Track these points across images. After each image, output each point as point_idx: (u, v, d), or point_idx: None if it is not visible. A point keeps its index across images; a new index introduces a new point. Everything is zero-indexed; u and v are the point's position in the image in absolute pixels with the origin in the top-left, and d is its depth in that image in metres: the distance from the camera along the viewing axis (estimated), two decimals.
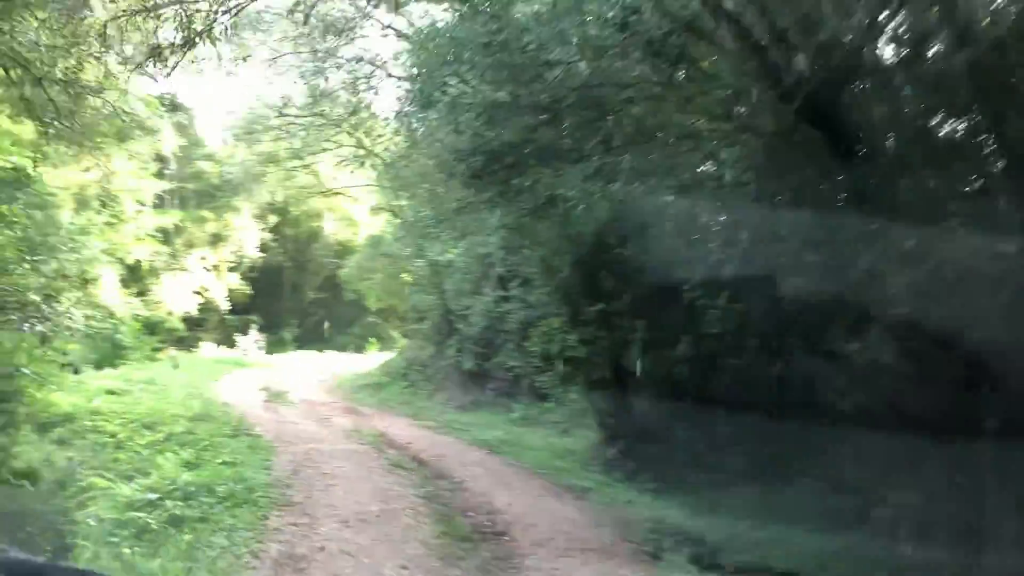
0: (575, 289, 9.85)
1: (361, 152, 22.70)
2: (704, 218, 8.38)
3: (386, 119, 20.63)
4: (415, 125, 13.27)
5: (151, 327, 26.32)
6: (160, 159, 29.52)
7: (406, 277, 20.39)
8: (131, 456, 9.22)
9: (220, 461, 8.38)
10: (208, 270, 31.57)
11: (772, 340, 7.39)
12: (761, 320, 6.86)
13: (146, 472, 7.93)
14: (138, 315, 25.63)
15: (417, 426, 13.48)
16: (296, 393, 18.32)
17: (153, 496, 6.78)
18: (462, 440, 11.89)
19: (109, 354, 21.02)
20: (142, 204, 24.81)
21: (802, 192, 6.37)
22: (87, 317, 23.48)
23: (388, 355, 25.92)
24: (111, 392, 14.68)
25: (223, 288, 32.34)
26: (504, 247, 14.76)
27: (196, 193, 32.52)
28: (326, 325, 39.31)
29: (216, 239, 32.62)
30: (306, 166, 31.44)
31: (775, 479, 8.21)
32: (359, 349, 36.17)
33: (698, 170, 7.77)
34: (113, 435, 10.55)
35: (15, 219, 20.60)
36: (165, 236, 28.61)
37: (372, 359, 30.55)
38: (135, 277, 26.93)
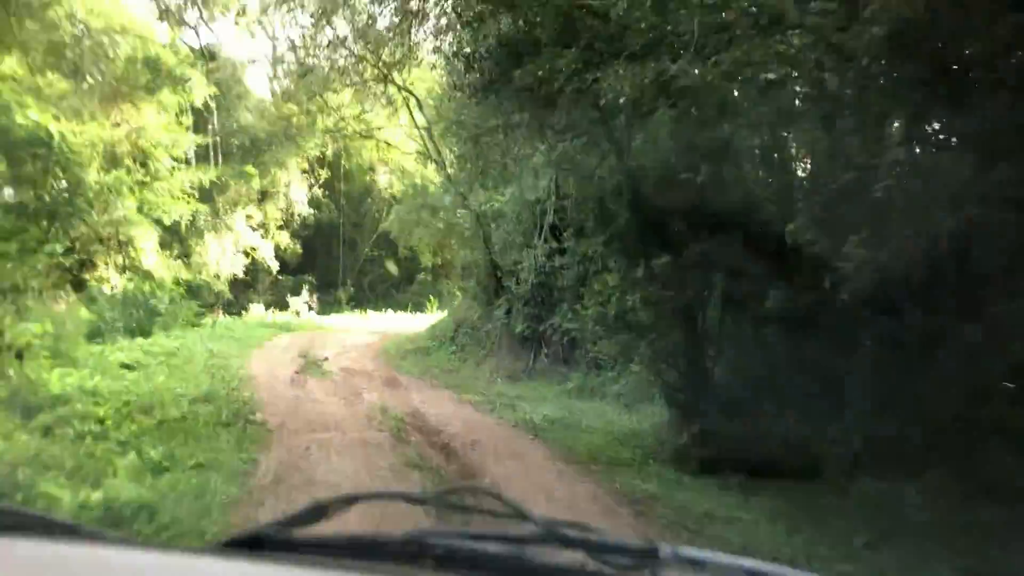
0: (636, 237, 7.91)
1: (404, 95, 21.04)
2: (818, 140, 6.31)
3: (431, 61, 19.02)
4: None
5: (194, 291, 25.46)
6: (198, 112, 28.46)
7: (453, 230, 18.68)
8: (106, 451, 7.82)
9: (192, 463, 6.89)
10: (255, 229, 30.57)
11: (918, 297, 5.37)
12: (903, 272, 4.83)
13: (101, 478, 6.49)
14: (179, 278, 24.74)
15: (457, 401, 11.88)
16: (335, 361, 17.04)
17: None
18: (505, 420, 10.21)
19: (144, 321, 20.10)
20: (176, 160, 23.60)
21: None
22: (128, 281, 22.83)
23: (442, 315, 24.51)
24: (125, 366, 13.49)
25: (272, 248, 31.36)
26: (555, 192, 12.94)
27: (240, 148, 31.42)
28: (381, 284, 38.23)
29: (263, 196, 31.55)
30: (356, 116, 30.08)
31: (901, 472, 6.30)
32: (417, 308, 34.99)
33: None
34: (101, 421, 9.20)
35: (35, 178, 19.87)
36: (207, 194, 27.60)
37: (426, 320, 29.30)
38: (175, 238, 26.04)
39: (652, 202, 7.97)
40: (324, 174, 36.32)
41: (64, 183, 19.53)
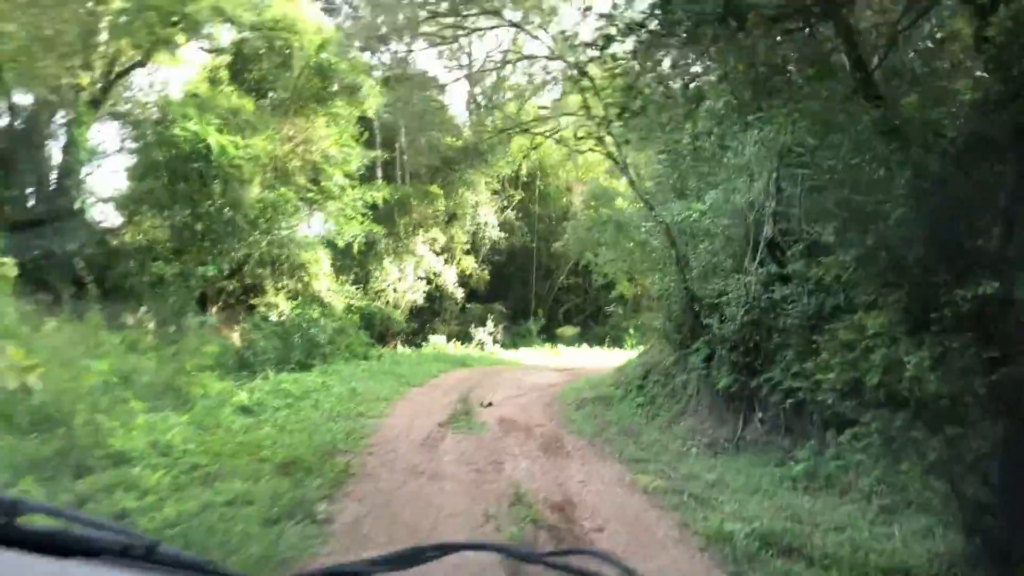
0: (925, 251, 4.50)
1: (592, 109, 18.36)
2: None
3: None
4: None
5: (369, 319, 24.22)
6: (381, 126, 27.62)
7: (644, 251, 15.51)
8: None
9: None
10: (439, 253, 29.11)
11: None
12: None
13: None
14: (352, 306, 23.55)
15: (630, 485, 8.75)
16: (499, 407, 14.54)
17: None
18: (692, 529, 6.97)
19: (302, 353, 18.79)
20: (349, 176, 22.46)
21: None
22: (295, 308, 21.88)
23: (635, 355, 21.37)
24: (244, 410, 11.78)
25: (457, 274, 29.80)
26: (776, 194, 9.55)
27: (428, 167, 30.29)
28: (577, 314, 35.60)
29: (450, 218, 30.13)
30: (553, 131, 27.95)
31: None
32: (615, 343, 31.99)
33: None
34: (143, 494, 7.18)
35: (192, 195, 19.25)
36: (387, 215, 26.50)
37: (622, 356, 26.24)
38: (352, 262, 25.03)
39: (954, 194, 4.51)
40: (517, 195, 34.48)
41: (223, 201, 18.72)
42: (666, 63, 11.85)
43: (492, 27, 29.49)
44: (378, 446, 9.93)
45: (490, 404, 15.00)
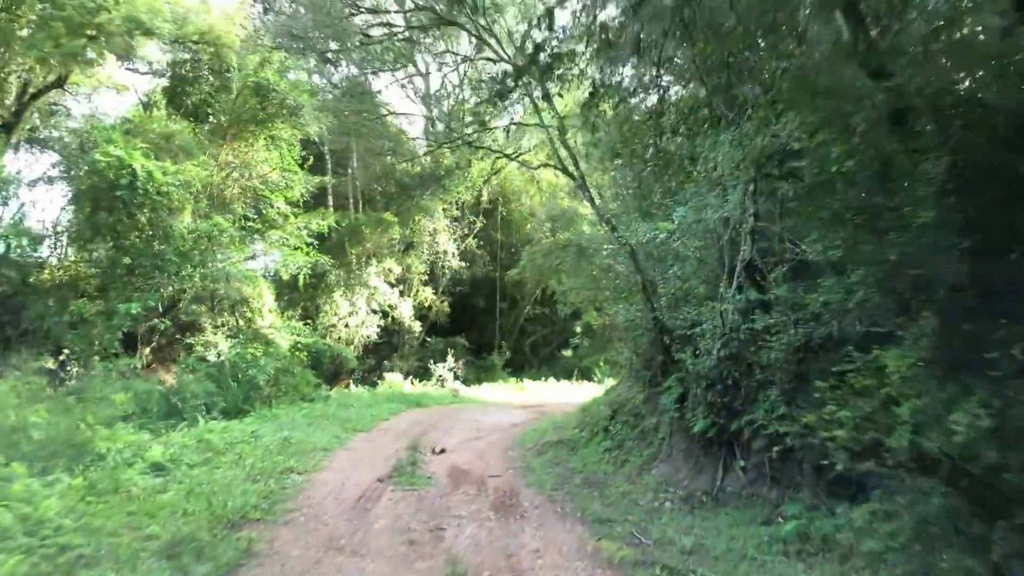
0: (956, 266, 3.31)
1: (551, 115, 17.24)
2: None
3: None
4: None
5: (318, 357, 22.70)
6: (321, 151, 26.35)
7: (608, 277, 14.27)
8: None
9: None
10: (394, 285, 27.74)
11: None
12: None
13: None
14: (300, 343, 22.04)
15: (591, 558, 7.45)
16: (451, 455, 13.20)
17: None
18: None
19: (238, 397, 17.28)
20: (292, 204, 21.09)
21: None
22: (233, 348, 20.32)
23: (601, 392, 20.15)
24: (157, 467, 10.33)
25: (413, 306, 28.41)
26: (754, 208, 8.44)
27: (382, 193, 29.03)
28: (544, 347, 34.37)
29: (406, 247, 28.81)
30: (513, 153, 26.98)
31: None
32: (584, 375, 30.77)
33: None
34: None
35: (114, 226, 17.76)
36: (338, 245, 25.13)
37: (591, 391, 25.06)
38: (297, 296, 23.57)
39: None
40: (479, 223, 33.29)
41: (150, 232, 17.25)
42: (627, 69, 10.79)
43: (442, 50, 28.69)
44: (298, 511, 8.51)
45: (442, 451, 13.67)
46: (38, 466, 9.64)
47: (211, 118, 21.38)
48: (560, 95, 13.12)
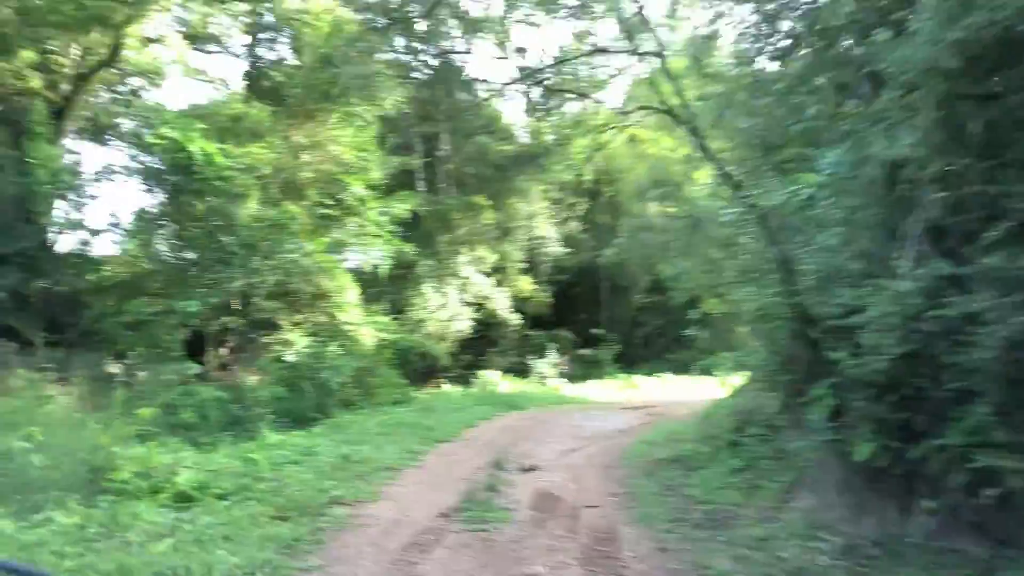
0: None
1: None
2: None
3: None
4: None
5: (404, 356, 21.13)
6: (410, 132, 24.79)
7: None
8: None
9: None
10: (489, 274, 25.89)
11: None
12: None
13: None
14: (385, 340, 20.53)
15: None
16: (543, 473, 11.24)
17: None
18: None
19: (310, 403, 15.85)
20: (372, 188, 19.53)
21: None
22: (308, 347, 18.94)
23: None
24: (180, 498, 8.82)
25: (511, 297, 26.51)
26: (937, 147, 6.02)
27: (475, 175, 27.26)
28: (658, 339, 31.80)
29: (501, 233, 26.93)
30: (625, 125, 24.98)
31: None
32: (705, 371, 28.11)
33: None
34: None
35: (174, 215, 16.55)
36: (426, 233, 23.54)
37: (711, 391, 22.59)
38: (383, 290, 22.07)
39: None
40: (581, 205, 31.08)
41: (214, 221, 15.99)
42: None
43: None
44: (322, 570, 6.66)
45: (532, 468, 11.73)
46: (40, 496, 8.29)
47: (288, 101, 20.11)
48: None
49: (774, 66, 9.84)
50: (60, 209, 16.62)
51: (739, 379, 14.76)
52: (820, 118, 7.47)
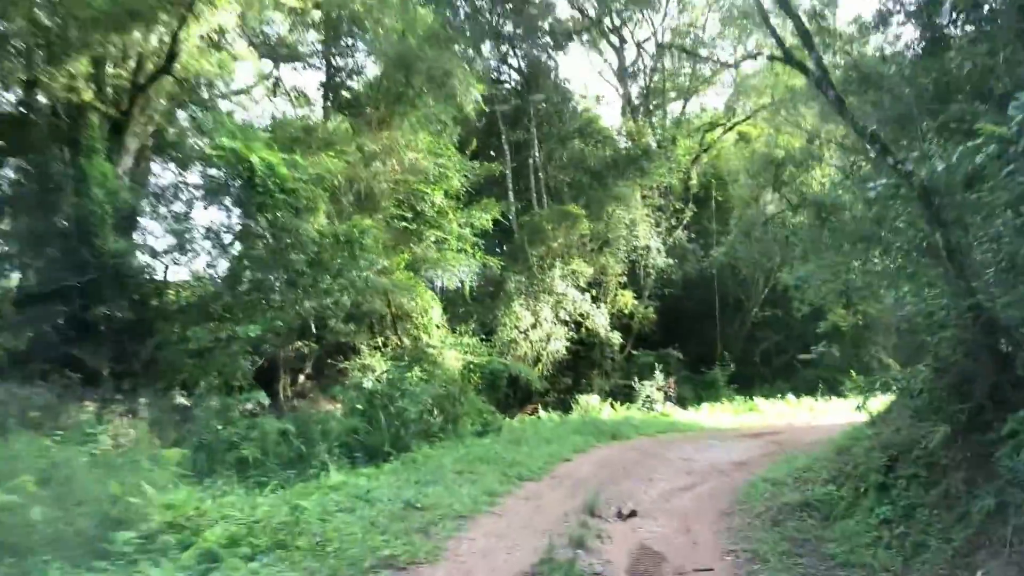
0: None
1: None
2: None
3: None
4: None
5: (493, 380, 19.63)
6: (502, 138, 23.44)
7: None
8: None
9: None
10: (586, 289, 24.14)
11: None
12: None
13: None
14: (472, 364, 19.11)
15: None
16: (643, 520, 9.52)
17: None
18: None
19: (384, 434, 14.54)
20: (453, 197, 18.23)
21: None
22: (387, 372, 17.69)
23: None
24: (206, 556, 7.51)
25: (612, 314, 24.69)
26: None
27: (570, 186, 25.66)
28: (778, 356, 29.25)
29: (599, 244, 25.18)
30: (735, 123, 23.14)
31: None
32: (830, 390, 25.53)
33: None
34: None
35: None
36: (516, 245, 22.08)
37: (842, 414, 20.33)
38: (470, 309, 20.69)
39: None
40: (688, 211, 29.01)
41: (280, 236, 14.96)
42: None
43: None
44: None
45: (631, 513, 9.96)
46: (28, 563, 7.15)
47: (362, 107, 19.10)
48: None
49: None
50: (123, 229, 15.95)
51: (879, 403, 12.55)
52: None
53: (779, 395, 25.86)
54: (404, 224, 17.79)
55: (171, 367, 15.21)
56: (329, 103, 20.56)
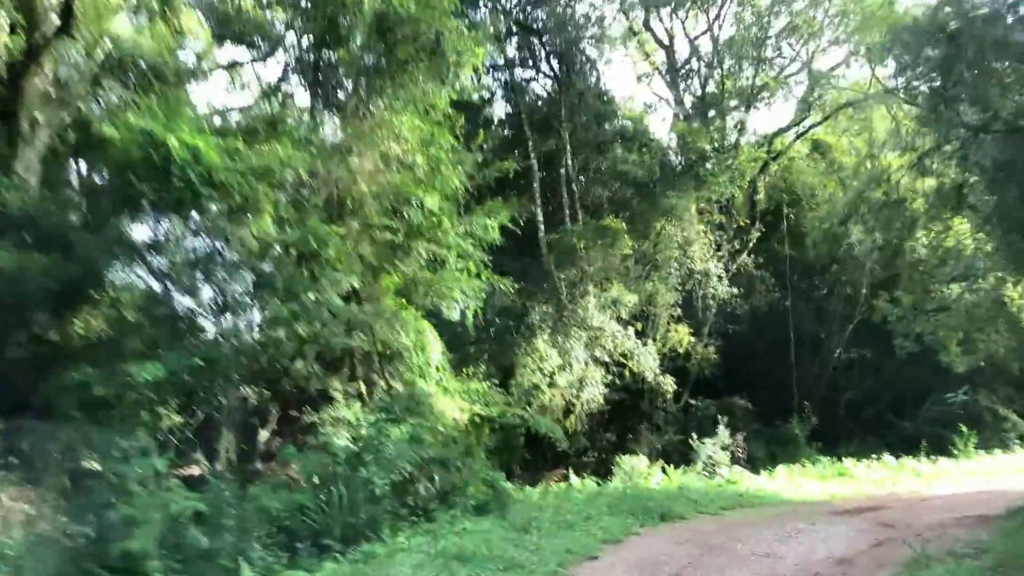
0: None
1: None
2: None
3: None
4: None
5: (507, 437, 15.74)
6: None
7: None
8: None
9: None
10: (629, 323, 20.17)
11: None
12: None
13: None
14: (479, 416, 15.32)
15: None
16: None
17: None
18: None
19: (347, 517, 10.81)
20: (454, 200, 14.67)
21: None
22: (370, 426, 13.85)
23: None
24: None
25: (662, 354, 20.64)
26: None
27: (610, 201, 21.90)
28: (868, 406, 24.80)
29: (646, 269, 21.26)
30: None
31: None
32: (937, 449, 21.12)
33: None
34: None
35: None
36: (540, 269, 18.35)
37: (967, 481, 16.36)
38: (482, 347, 16.95)
39: None
40: (755, 232, 24.96)
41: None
42: None
43: None
44: None
45: None
46: None
47: (337, 91, 15.70)
48: None
49: None
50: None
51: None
52: None
53: (872, 455, 21.43)
54: (391, 237, 14.18)
55: (67, 419, 11.72)
56: (296, 84, 17.03)
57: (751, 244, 24.91)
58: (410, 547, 10.25)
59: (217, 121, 15.14)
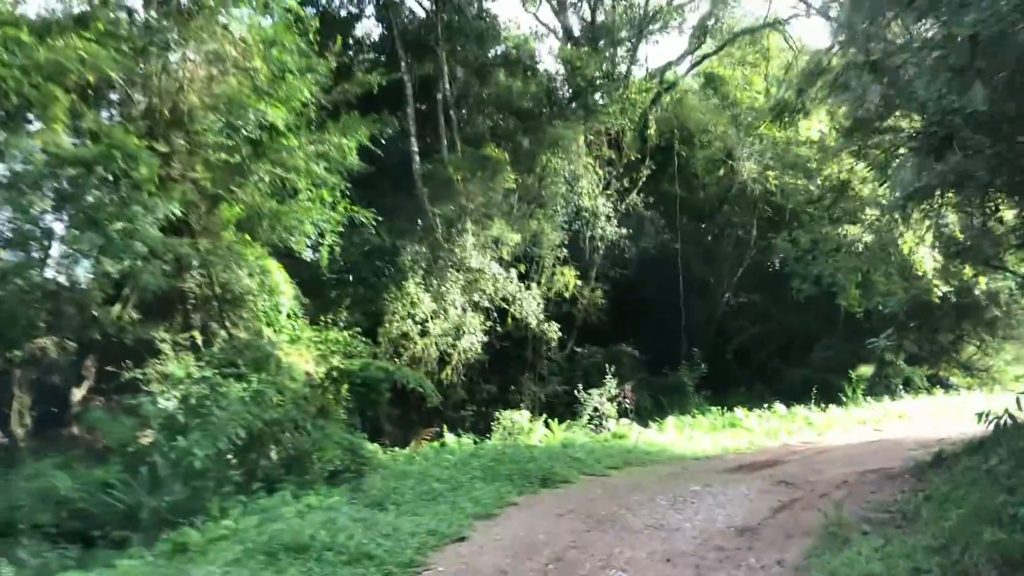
0: None
1: None
2: None
3: None
4: None
5: (371, 392, 13.94)
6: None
7: None
8: None
9: None
10: (512, 264, 18.58)
11: None
12: None
13: None
14: (339, 369, 13.43)
15: None
16: None
17: None
18: None
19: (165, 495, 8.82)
20: (299, 112, 12.53)
21: None
22: (190, 383, 11.43)
23: None
24: None
25: (543, 299, 19.16)
26: None
27: (492, 130, 20.05)
28: (758, 354, 24.17)
29: (531, 203, 19.61)
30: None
31: None
32: (826, 396, 20.64)
33: None
34: None
35: None
36: (412, 203, 16.46)
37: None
38: (342, 291, 15.03)
39: None
40: (645, 170, 23.62)
41: None
42: None
43: None
44: None
45: None
46: None
47: None
48: None
49: None
50: None
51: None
52: None
53: (761, 403, 20.71)
54: (227, 157, 11.96)
55: None
56: None
57: (641, 183, 23.59)
58: (236, 532, 8.38)
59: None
